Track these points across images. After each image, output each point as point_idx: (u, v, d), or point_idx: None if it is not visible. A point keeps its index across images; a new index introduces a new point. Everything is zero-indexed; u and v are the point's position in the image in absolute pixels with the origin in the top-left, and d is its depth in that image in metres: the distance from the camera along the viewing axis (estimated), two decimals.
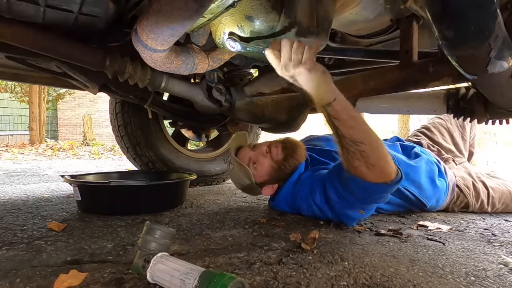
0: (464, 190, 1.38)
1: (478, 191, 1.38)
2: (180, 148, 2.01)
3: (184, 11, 0.65)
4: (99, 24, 0.90)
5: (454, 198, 1.39)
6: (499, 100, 0.81)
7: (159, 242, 0.66)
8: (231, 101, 1.41)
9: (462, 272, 0.76)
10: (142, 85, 1.17)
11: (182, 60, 0.93)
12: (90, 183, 1.42)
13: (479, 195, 1.38)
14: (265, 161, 1.27)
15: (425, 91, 1.14)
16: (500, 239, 1.03)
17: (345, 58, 1.36)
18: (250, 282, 0.68)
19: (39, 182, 2.24)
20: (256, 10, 0.78)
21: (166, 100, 1.77)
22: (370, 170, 0.91)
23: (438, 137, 1.65)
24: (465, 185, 1.39)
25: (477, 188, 1.39)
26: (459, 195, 1.39)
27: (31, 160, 4.38)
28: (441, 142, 1.63)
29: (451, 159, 1.56)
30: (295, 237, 0.95)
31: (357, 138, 0.89)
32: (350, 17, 0.98)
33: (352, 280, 0.69)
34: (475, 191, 1.39)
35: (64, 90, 9.14)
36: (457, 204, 1.40)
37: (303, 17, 0.84)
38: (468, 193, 1.38)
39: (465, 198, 1.38)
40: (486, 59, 0.60)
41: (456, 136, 1.66)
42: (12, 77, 1.44)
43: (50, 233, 1.00)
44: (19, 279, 0.67)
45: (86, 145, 7.76)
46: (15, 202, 1.47)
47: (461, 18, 0.55)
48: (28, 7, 0.78)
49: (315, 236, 0.94)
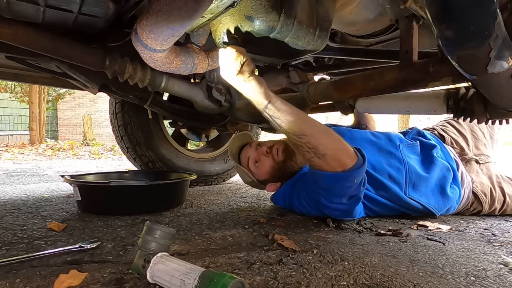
0: (481, 198, 1.32)
1: (494, 199, 1.33)
2: (180, 148, 2.01)
3: (184, 11, 0.65)
4: (99, 24, 0.90)
5: (468, 205, 1.33)
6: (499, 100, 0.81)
7: (159, 242, 0.66)
8: (231, 101, 1.41)
9: (462, 272, 0.76)
10: (142, 85, 1.17)
11: (182, 60, 0.93)
12: (90, 183, 1.42)
13: (494, 202, 1.33)
14: (267, 161, 1.30)
15: (425, 91, 1.14)
16: (500, 239, 1.03)
17: (345, 58, 1.36)
18: (250, 282, 0.68)
19: (39, 182, 2.24)
20: (256, 10, 0.78)
21: (166, 100, 1.77)
22: (322, 160, 0.94)
23: (467, 131, 1.52)
24: (483, 192, 1.32)
25: (493, 196, 1.33)
26: (473, 202, 1.33)
27: (31, 160, 4.38)
28: (469, 138, 1.51)
29: (473, 160, 1.43)
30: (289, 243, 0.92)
31: (298, 131, 0.93)
32: (350, 17, 0.98)
33: (352, 280, 0.69)
34: (491, 199, 1.33)
35: (64, 90, 9.14)
36: (470, 210, 1.35)
37: (303, 17, 0.84)
38: (484, 200, 1.32)
39: (479, 206, 1.33)
40: (486, 59, 0.60)
41: (485, 133, 1.55)
42: (12, 77, 1.44)
43: (50, 233, 1.00)
44: (19, 279, 0.67)
45: (86, 145, 7.76)
46: (15, 202, 1.47)
47: (461, 18, 0.55)
48: (28, 7, 0.78)
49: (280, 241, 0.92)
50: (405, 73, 0.93)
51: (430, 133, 1.50)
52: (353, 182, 0.99)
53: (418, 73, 0.90)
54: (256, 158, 1.33)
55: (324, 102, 1.37)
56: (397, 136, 1.38)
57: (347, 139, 1.32)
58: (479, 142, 1.51)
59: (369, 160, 1.20)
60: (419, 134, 1.46)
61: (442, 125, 1.59)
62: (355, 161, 0.95)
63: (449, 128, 1.54)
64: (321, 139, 0.94)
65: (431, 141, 1.40)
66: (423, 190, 1.22)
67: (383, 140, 1.34)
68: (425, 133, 1.46)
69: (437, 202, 1.23)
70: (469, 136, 1.51)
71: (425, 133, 1.47)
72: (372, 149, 1.28)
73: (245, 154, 1.38)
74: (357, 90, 1.06)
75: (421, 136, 1.44)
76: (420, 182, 1.22)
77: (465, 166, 1.40)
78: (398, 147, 1.31)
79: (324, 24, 0.89)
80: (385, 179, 1.19)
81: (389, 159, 1.25)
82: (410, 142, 1.38)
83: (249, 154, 1.36)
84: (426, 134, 1.46)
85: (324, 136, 0.96)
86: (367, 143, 1.31)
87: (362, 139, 1.33)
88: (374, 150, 1.28)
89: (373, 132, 1.44)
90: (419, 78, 0.90)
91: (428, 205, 1.21)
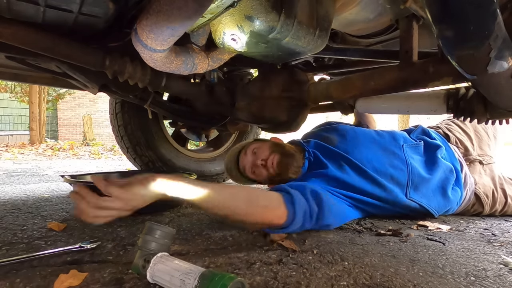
0: (482, 199, 1.31)
1: (496, 200, 1.33)
2: (180, 148, 2.01)
3: (184, 11, 0.65)
4: (99, 24, 0.90)
5: (468, 206, 1.33)
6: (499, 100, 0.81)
7: (159, 242, 0.66)
8: (231, 101, 1.41)
9: (462, 272, 0.76)
10: (142, 85, 1.17)
11: (182, 60, 0.93)
12: (90, 183, 1.42)
13: (495, 204, 1.33)
14: (263, 172, 1.27)
15: (425, 91, 1.14)
16: (500, 239, 1.03)
17: (345, 58, 1.36)
18: (250, 282, 0.68)
19: (39, 182, 2.24)
20: (256, 10, 0.78)
21: (166, 100, 1.77)
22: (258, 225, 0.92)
23: (471, 130, 1.50)
24: (485, 194, 1.32)
25: (495, 197, 1.33)
26: (475, 203, 1.33)
27: (31, 160, 4.38)
28: (473, 137, 1.49)
29: (477, 161, 1.42)
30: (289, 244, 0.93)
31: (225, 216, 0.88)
32: (350, 17, 0.98)
33: (352, 280, 0.69)
34: (493, 200, 1.33)
35: (64, 90, 9.14)
36: (471, 211, 1.35)
37: (303, 17, 0.84)
38: (486, 202, 1.31)
39: (481, 207, 1.32)
40: (486, 59, 0.60)
41: (489, 133, 1.54)
42: (12, 77, 1.44)
43: (50, 233, 1.00)
44: (19, 279, 0.67)
45: (86, 145, 7.76)
46: (15, 202, 1.47)
47: (461, 18, 0.55)
48: (28, 7, 0.78)
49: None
50: (405, 73, 0.93)
51: (435, 131, 1.47)
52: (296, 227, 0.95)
53: (418, 73, 0.90)
54: (253, 168, 1.28)
55: (324, 102, 1.37)
56: (401, 135, 1.36)
57: (349, 138, 1.31)
58: (483, 142, 1.49)
59: (372, 162, 1.20)
60: (424, 133, 1.43)
61: (447, 124, 1.56)
62: (284, 217, 0.92)
63: (454, 127, 1.52)
64: (244, 211, 0.88)
65: (436, 141, 1.37)
66: (425, 192, 1.20)
67: (387, 139, 1.32)
68: (430, 132, 1.43)
69: (437, 204, 1.22)
70: (473, 136, 1.49)
71: (430, 131, 1.44)
72: (376, 149, 1.26)
73: (241, 164, 1.32)
74: (357, 90, 1.06)
75: (426, 135, 1.41)
76: (422, 183, 1.21)
77: (468, 166, 1.38)
78: (401, 147, 1.28)
79: (324, 24, 0.89)
80: (387, 182, 1.17)
81: (392, 160, 1.23)
82: (415, 142, 1.35)
83: (245, 163, 1.31)
84: (431, 132, 1.43)
85: (247, 206, 0.89)
86: (371, 142, 1.29)
87: (365, 138, 1.31)
88: (378, 150, 1.26)
89: (377, 130, 1.41)
90: (419, 78, 0.90)
91: (429, 206, 1.20)
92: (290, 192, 0.97)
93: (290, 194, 0.96)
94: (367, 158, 1.21)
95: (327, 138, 1.35)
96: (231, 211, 0.87)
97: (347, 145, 1.27)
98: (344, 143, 1.29)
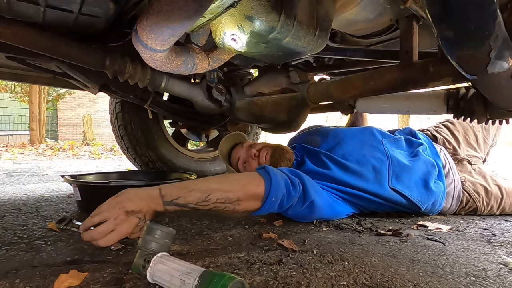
0: (473, 196, 1.33)
1: (490, 197, 1.34)
2: (180, 148, 2.01)
3: (184, 11, 0.65)
4: (100, 24, 0.90)
5: (463, 203, 1.35)
6: (499, 100, 0.81)
7: (159, 242, 0.66)
8: (231, 101, 1.41)
9: (462, 272, 0.76)
10: (142, 85, 1.17)
11: (182, 60, 0.93)
12: (90, 183, 1.42)
13: (490, 200, 1.34)
14: (254, 164, 1.34)
15: (425, 91, 1.14)
16: (500, 239, 1.03)
17: (345, 58, 1.36)
18: (250, 282, 0.68)
19: (39, 182, 2.24)
20: (256, 10, 0.78)
21: (166, 100, 1.77)
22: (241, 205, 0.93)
23: (460, 133, 1.56)
24: (475, 191, 1.34)
25: (489, 193, 1.34)
26: (468, 201, 1.34)
27: (31, 160, 4.38)
28: (461, 140, 1.55)
29: (465, 161, 1.48)
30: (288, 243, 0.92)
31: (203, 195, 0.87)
32: (350, 17, 0.98)
33: (352, 280, 0.69)
34: (487, 197, 1.34)
35: (64, 90, 9.14)
36: (465, 209, 1.36)
37: (303, 17, 0.84)
38: (477, 198, 1.33)
39: (474, 204, 1.34)
40: (486, 59, 0.60)
41: (479, 137, 1.59)
42: (12, 77, 1.44)
43: (50, 233, 1.00)
44: (19, 279, 0.67)
45: (86, 145, 7.76)
46: (15, 202, 1.47)
47: (461, 18, 0.55)
48: (28, 7, 0.78)
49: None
50: (405, 73, 0.93)
51: (422, 133, 1.53)
52: (280, 195, 0.98)
53: (418, 73, 0.90)
54: (245, 159, 1.36)
55: (324, 102, 1.38)
56: (379, 132, 1.42)
57: (330, 136, 1.38)
58: (471, 145, 1.57)
59: (353, 155, 1.26)
60: (410, 133, 1.49)
61: (436, 126, 1.64)
62: (263, 183, 0.96)
63: (443, 129, 1.60)
64: (224, 188, 0.91)
65: (419, 140, 1.43)
66: (407, 182, 1.23)
67: (366, 135, 1.38)
68: (416, 133, 1.50)
69: (420, 195, 1.24)
70: (461, 138, 1.56)
71: (417, 132, 1.50)
72: (355, 143, 1.32)
73: (235, 154, 1.41)
74: (357, 90, 1.06)
75: (412, 135, 1.48)
76: (404, 172, 1.23)
77: (457, 165, 1.43)
78: (381, 142, 1.33)
79: (324, 24, 0.89)
80: (368, 172, 1.21)
81: (373, 151, 1.28)
82: (394, 137, 1.41)
83: (240, 154, 1.39)
84: (418, 134, 1.49)
85: (225, 184, 0.93)
86: (350, 138, 1.34)
87: (346, 134, 1.37)
88: (358, 143, 1.32)
89: (357, 127, 1.49)
90: (419, 78, 0.90)
91: (411, 196, 1.21)
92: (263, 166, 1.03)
93: (262, 167, 1.03)
94: (348, 152, 1.27)
95: (311, 141, 1.43)
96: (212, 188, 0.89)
97: (329, 144, 1.34)
98: (326, 143, 1.36)
